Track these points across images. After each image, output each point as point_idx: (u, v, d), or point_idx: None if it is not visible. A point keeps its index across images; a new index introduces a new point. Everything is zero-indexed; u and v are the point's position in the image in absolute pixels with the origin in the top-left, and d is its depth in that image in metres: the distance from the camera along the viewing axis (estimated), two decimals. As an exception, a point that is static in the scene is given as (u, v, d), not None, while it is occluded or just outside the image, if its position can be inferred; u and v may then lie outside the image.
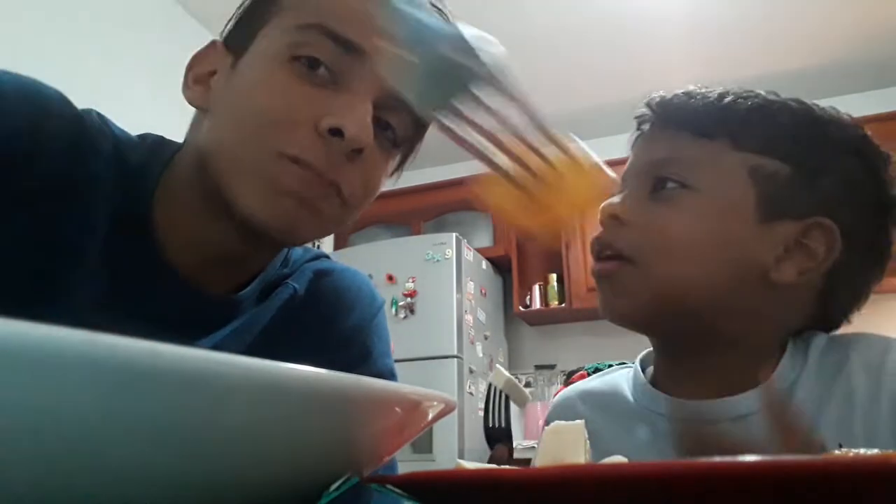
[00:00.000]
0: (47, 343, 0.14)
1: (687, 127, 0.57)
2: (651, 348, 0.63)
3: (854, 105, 3.04)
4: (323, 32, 0.48)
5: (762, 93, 0.57)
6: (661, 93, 0.60)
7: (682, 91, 0.59)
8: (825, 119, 0.57)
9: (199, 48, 0.55)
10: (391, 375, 0.65)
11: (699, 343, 0.56)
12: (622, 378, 0.65)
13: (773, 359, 0.55)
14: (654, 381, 0.60)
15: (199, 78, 0.54)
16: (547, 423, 0.67)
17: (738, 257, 0.53)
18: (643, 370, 0.63)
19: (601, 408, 0.63)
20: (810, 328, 0.57)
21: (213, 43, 0.55)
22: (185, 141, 0.54)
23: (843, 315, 0.58)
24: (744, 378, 0.53)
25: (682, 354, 0.58)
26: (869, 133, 0.57)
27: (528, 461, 1.61)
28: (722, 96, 0.57)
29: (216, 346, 0.53)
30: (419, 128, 0.55)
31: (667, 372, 0.60)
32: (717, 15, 2.64)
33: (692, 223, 0.54)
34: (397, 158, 0.56)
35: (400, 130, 0.53)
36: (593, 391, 0.66)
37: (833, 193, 0.54)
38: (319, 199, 0.48)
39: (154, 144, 0.55)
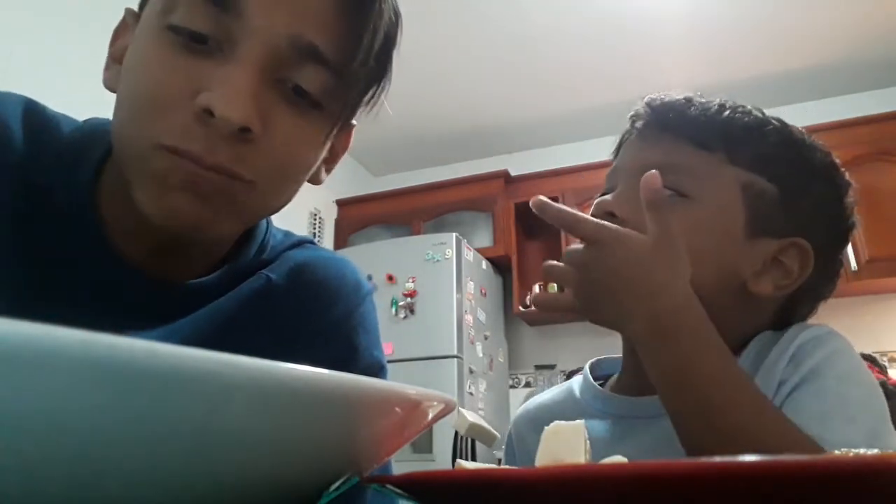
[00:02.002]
0: (46, 343, 0.14)
1: (686, 134, 0.57)
2: (606, 355, 0.67)
3: (854, 105, 3.06)
4: None
5: (753, 109, 0.60)
6: (661, 95, 0.61)
7: (681, 97, 0.60)
8: (806, 144, 0.59)
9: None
10: (380, 369, 0.61)
11: None
12: (575, 383, 0.67)
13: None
14: (620, 384, 0.62)
15: (116, 56, 0.48)
16: (509, 440, 0.68)
17: (723, 268, 0.55)
18: (609, 376, 0.65)
19: (555, 416, 0.63)
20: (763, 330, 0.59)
21: (124, 19, 0.49)
22: None
23: (798, 322, 0.60)
24: None
25: None
26: (838, 161, 0.61)
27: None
28: (721, 109, 0.58)
29: (168, 336, 0.50)
30: (344, 78, 0.46)
31: (634, 372, 0.61)
32: (717, 15, 2.64)
33: (685, 231, 0.54)
34: (329, 118, 0.48)
35: (315, 88, 0.45)
36: (546, 402, 0.68)
37: (808, 215, 0.57)
38: (214, 191, 0.43)
39: (93, 128, 0.51)
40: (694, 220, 0.55)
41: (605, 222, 0.47)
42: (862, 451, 0.21)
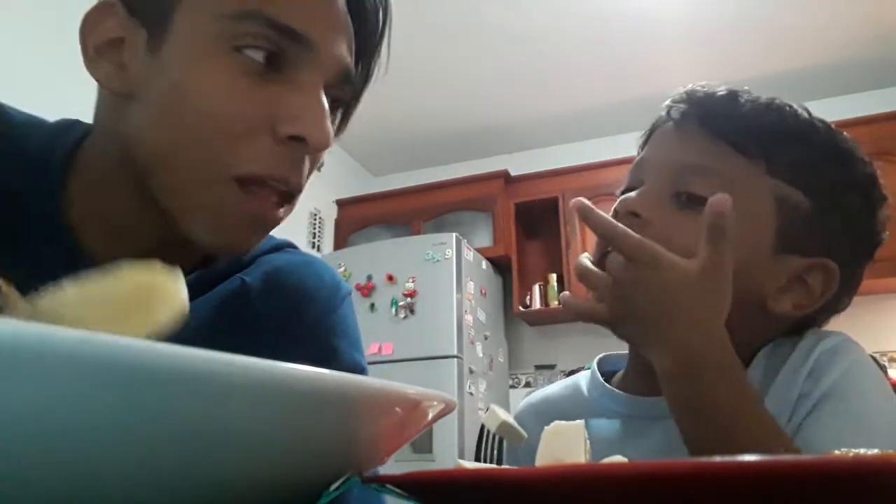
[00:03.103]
0: (46, 342, 0.14)
1: (727, 136, 0.54)
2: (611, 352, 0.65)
3: (854, 105, 3.06)
4: (265, 23, 0.42)
5: (800, 110, 0.56)
6: (704, 86, 0.57)
7: (725, 91, 0.56)
8: (850, 155, 0.56)
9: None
10: (360, 372, 0.59)
11: None
12: (582, 379, 0.65)
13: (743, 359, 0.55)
14: (626, 381, 0.61)
15: (102, 48, 0.45)
16: None
17: (746, 282, 0.52)
18: (613, 373, 0.64)
19: (560, 412, 0.62)
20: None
21: (108, 3, 0.46)
22: (97, 122, 0.49)
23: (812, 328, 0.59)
24: None
25: None
26: (877, 172, 0.57)
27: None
28: (767, 110, 0.54)
29: None
30: (357, 92, 0.52)
31: (641, 371, 0.59)
32: (717, 15, 2.64)
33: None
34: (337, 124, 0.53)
35: (340, 103, 0.51)
36: (551, 396, 0.66)
37: (838, 232, 0.54)
38: (276, 213, 0.46)
39: (58, 127, 0.50)
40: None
41: (649, 241, 0.45)
42: (862, 451, 0.20)
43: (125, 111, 0.45)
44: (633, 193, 0.54)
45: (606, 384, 0.61)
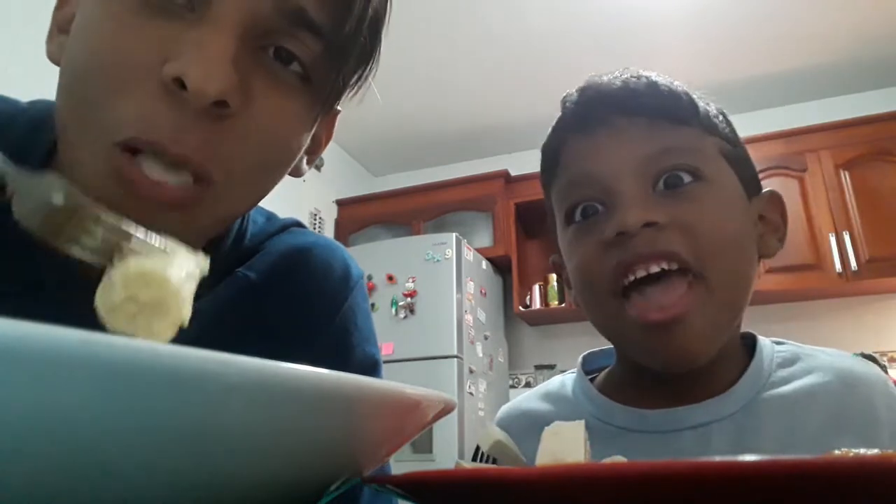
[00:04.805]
0: (46, 343, 0.14)
1: (662, 114, 0.51)
2: (589, 352, 0.63)
3: (854, 105, 3.05)
4: None
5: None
6: (610, 79, 0.55)
7: (633, 77, 0.54)
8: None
9: None
10: (373, 366, 0.56)
11: None
12: (565, 390, 0.61)
13: (736, 358, 0.54)
14: (604, 391, 0.57)
15: (62, 24, 0.40)
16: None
17: (751, 243, 0.53)
18: (599, 369, 0.61)
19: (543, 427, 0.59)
20: None
21: None
22: None
23: None
24: (707, 384, 0.52)
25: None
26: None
27: None
28: (662, 83, 0.53)
29: None
30: (334, 48, 0.39)
31: (632, 382, 0.56)
32: (718, 15, 2.64)
33: (722, 215, 0.49)
34: (317, 96, 0.41)
35: (307, 59, 0.39)
36: (534, 410, 0.60)
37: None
38: (177, 207, 0.36)
39: (40, 112, 0.43)
40: (717, 200, 0.50)
41: None
42: (862, 451, 0.20)
43: None
44: (625, 208, 0.49)
45: (601, 395, 0.57)
